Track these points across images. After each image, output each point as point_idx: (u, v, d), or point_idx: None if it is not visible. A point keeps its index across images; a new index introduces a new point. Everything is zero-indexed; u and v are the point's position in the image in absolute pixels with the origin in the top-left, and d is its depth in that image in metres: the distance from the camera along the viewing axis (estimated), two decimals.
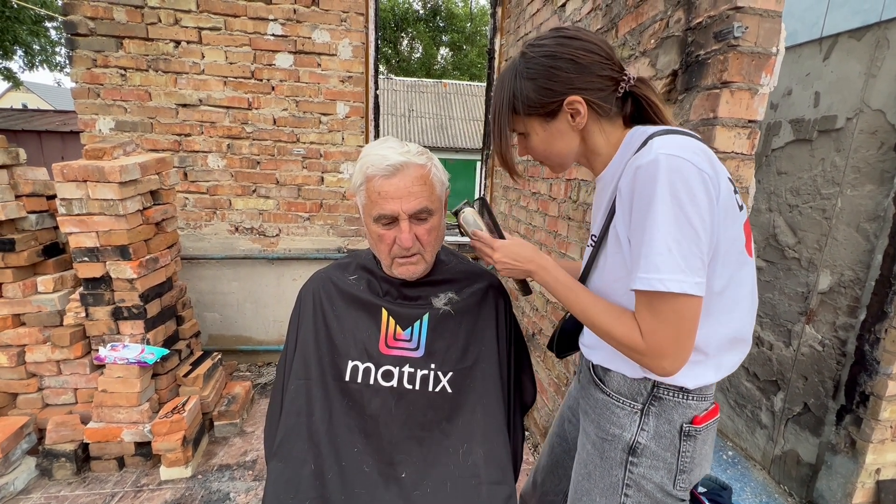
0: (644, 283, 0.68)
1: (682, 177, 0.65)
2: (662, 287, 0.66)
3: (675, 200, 0.65)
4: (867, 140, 1.73)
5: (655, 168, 0.66)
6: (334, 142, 2.89)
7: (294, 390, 0.96)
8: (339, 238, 3.03)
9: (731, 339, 0.80)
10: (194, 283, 2.85)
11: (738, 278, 0.77)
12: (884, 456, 1.68)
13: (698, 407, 0.82)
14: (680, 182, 0.65)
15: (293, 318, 1.04)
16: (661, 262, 0.66)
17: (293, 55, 2.72)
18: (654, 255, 0.67)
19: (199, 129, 2.74)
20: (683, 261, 0.65)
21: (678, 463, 0.82)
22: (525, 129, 0.84)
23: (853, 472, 1.71)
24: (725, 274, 0.74)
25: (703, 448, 0.84)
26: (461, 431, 0.95)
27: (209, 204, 2.85)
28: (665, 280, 0.66)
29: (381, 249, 0.93)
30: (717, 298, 0.75)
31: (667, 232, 0.65)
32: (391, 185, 0.87)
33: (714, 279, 0.73)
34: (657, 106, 0.80)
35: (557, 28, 0.81)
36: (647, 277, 0.68)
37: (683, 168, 0.65)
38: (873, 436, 1.65)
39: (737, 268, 0.76)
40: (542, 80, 0.78)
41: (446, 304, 1.00)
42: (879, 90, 1.69)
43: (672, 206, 0.65)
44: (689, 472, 0.83)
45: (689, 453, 0.82)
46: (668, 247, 0.65)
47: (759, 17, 1.08)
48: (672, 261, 0.65)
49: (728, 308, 0.77)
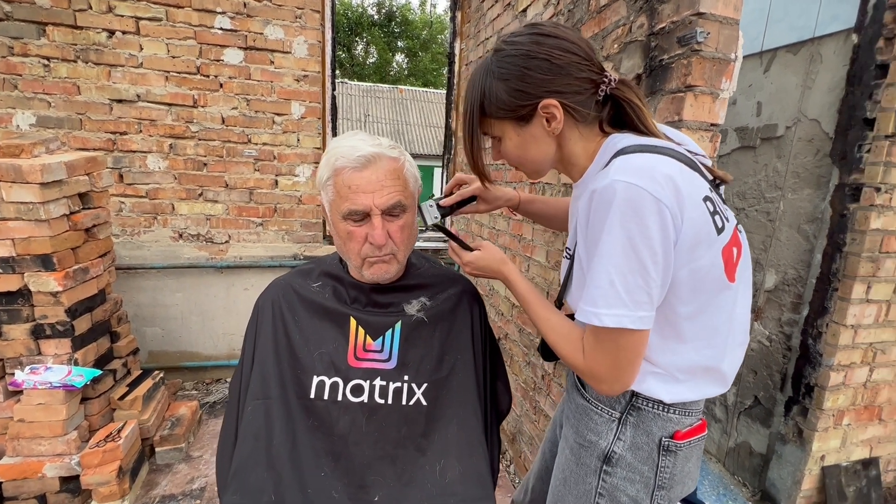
0: (582, 315, 0.68)
1: (634, 207, 0.61)
2: (598, 322, 0.65)
3: (625, 231, 0.62)
4: (805, 147, 1.86)
5: (610, 196, 0.62)
6: (289, 143, 2.75)
7: (252, 412, 0.86)
8: (295, 245, 2.88)
9: (704, 368, 0.75)
10: (132, 295, 2.60)
11: (715, 304, 0.72)
12: (828, 443, 1.79)
13: (681, 422, 0.78)
14: (631, 213, 0.61)
15: (249, 330, 0.94)
16: (600, 296, 0.65)
17: (244, 51, 2.56)
18: (594, 288, 0.65)
19: (137, 127, 2.51)
20: (627, 294, 0.63)
21: (656, 478, 0.79)
22: (497, 133, 0.79)
23: (801, 460, 1.81)
24: (698, 300, 0.70)
25: (685, 465, 0.80)
26: (437, 447, 0.89)
27: (149, 209, 2.62)
28: (601, 315, 0.65)
29: (351, 249, 0.86)
30: (688, 324, 0.71)
31: (611, 264, 0.63)
32: (362, 177, 0.81)
33: (680, 305, 0.69)
34: (640, 110, 0.74)
35: (533, 24, 0.75)
36: (585, 309, 0.67)
37: (637, 198, 0.61)
38: (818, 424, 1.76)
39: (713, 294, 0.71)
40: (514, 82, 0.72)
41: (419, 311, 0.94)
42: (815, 101, 1.82)
43: (620, 238, 0.62)
44: (668, 489, 0.80)
45: (669, 469, 0.79)
46: (611, 280, 0.63)
47: (720, 24, 1.11)
48: (613, 294, 0.63)
49: (705, 336, 0.73)
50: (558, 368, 1.78)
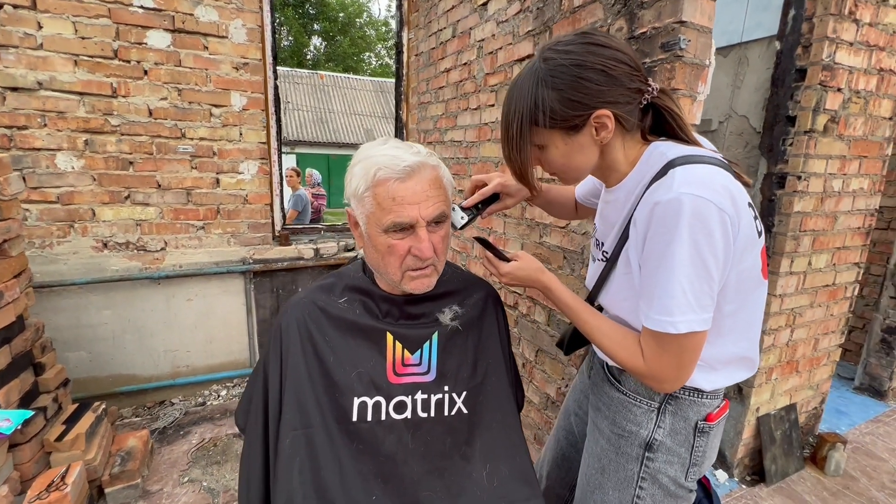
0: (656, 325, 0.71)
1: (703, 220, 0.65)
2: (673, 330, 0.69)
3: (694, 244, 0.65)
4: (736, 140, 2.10)
5: (677, 208, 0.65)
6: (230, 138, 2.51)
7: (291, 444, 0.80)
8: (243, 248, 2.66)
9: (740, 358, 0.82)
10: (48, 317, 2.22)
11: (751, 301, 0.78)
12: (761, 396, 2.08)
13: (712, 405, 0.85)
14: (700, 226, 0.65)
15: (272, 356, 0.86)
16: (674, 306, 0.68)
17: (171, 34, 2.27)
18: (667, 299, 0.69)
19: (41, 120, 2.13)
20: (695, 301, 0.68)
21: (691, 457, 0.86)
22: (543, 142, 0.79)
23: (742, 414, 2.09)
24: (739, 299, 0.75)
25: (713, 442, 0.88)
26: (482, 452, 0.89)
27: (62, 216, 2.25)
28: (676, 323, 0.69)
29: (391, 263, 0.82)
30: (729, 320, 0.77)
31: (682, 274, 0.67)
32: (407, 188, 0.77)
33: (725, 304, 0.74)
34: (680, 118, 0.77)
35: (584, 33, 0.75)
36: (660, 319, 0.70)
37: (705, 211, 0.65)
38: (755, 382, 2.03)
39: (751, 292, 0.77)
40: (569, 92, 0.72)
41: (453, 319, 0.93)
42: (743, 99, 2.06)
43: (690, 250, 0.66)
44: (699, 465, 0.87)
45: (702, 448, 0.86)
46: (683, 289, 0.67)
47: (697, 32, 1.21)
48: (685, 302, 0.68)
49: (741, 328, 0.79)
50: (540, 355, 1.86)
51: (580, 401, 1.11)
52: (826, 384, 2.35)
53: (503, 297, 2.05)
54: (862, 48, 1.78)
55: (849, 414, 2.68)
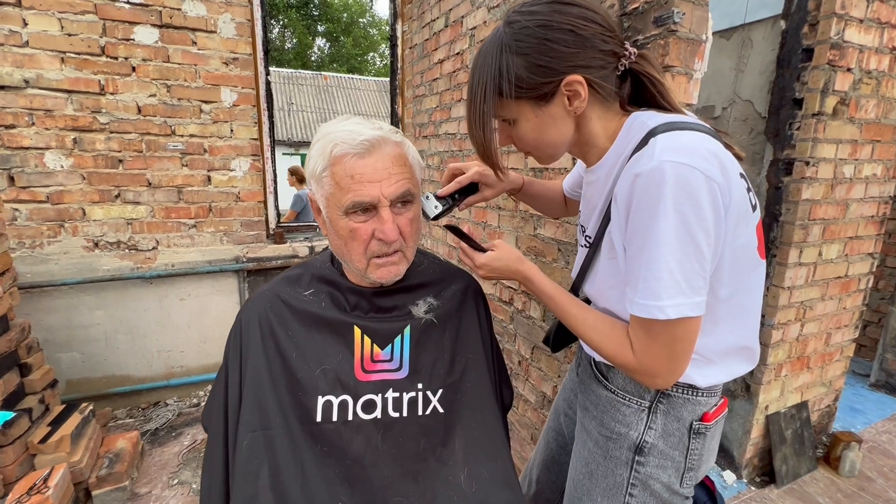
0: (642, 310, 0.64)
1: (688, 189, 0.58)
2: (662, 315, 0.61)
3: (680, 216, 0.58)
4: (740, 126, 2.01)
5: (659, 178, 0.58)
6: (221, 134, 2.47)
7: (249, 446, 0.74)
8: (236, 246, 2.62)
9: (738, 348, 0.75)
10: (39, 317, 2.21)
11: (748, 283, 0.71)
12: (770, 394, 1.99)
13: (708, 403, 0.77)
14: (685, 196, 0.58)
15: (231, 352, 0.81)
16: (661, 288, 0.61)
17: (159, 29, 2.24)
18: (653, 281, 0.61)
19: (28, 118, 2.11)
20: (685, 282, 0.60)
21: (686, 461, 0.79)
22: (512, 115, 0.71)
23: (750, 412, 2.00)
24: (735, 281, 0.69)
25: (711, 444, 0.81)
26: (459, 455, 0.83)
27: (52, 215, 2.22)
28: (664, 307, 0.61)
29: (355, 249, 0.76)
30: (725, 305, 0.70)
31: (668, 252, 0.60)
32: (367, 165, 0.71)
33: (720, 287, 0.68)
34: (661, 85, 0.70)
35: None
36: (646, 304, 0.63)
37: (690, 178, 0.58)
38: (763, 378, 1.94)
39: (748, 273, 0.71)
40: (535, 56, 0.65)
41: (427, 312, 0.86)
42: (747, 83, 1.97)
43: (675, 224, 0.59)
44: (696, 470, 0.80)
45: (698, 451, 0.79)
46: (670, 269, 0.60)
47: (692, 5, 1.13)
48: (673, 284, 0.60)
49: (737, 314, 0.72)
50: (536, 352, 1.79)
51: (570, 400, 1.04)
52: (839, 381, 2.25)
53: (498, 291, 1.99)
54: (873, 25, 1.68)
55: (864, 412, 2.57)
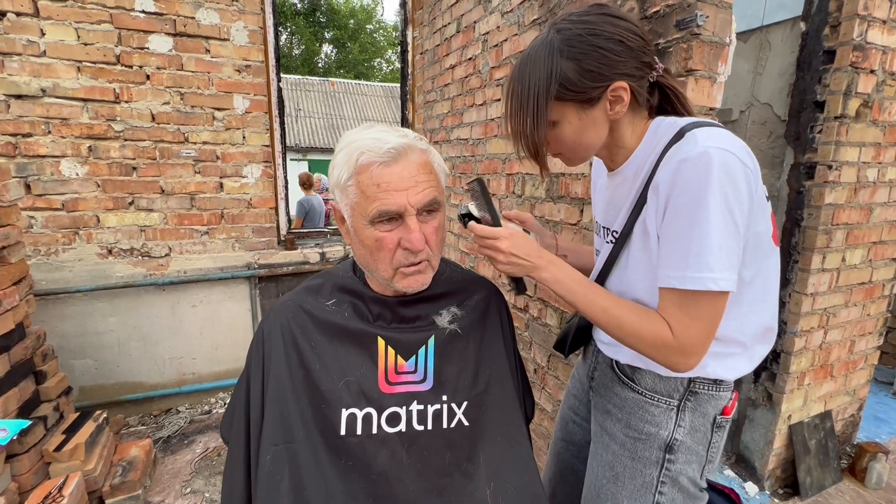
0: (696, 283, 0.66)
1: (730, 173, 0.64)
2: (715, 287, 0.65)
3: (724, 197, 0.64)
4: (759, 130, 1.98)
5: (707, 161, 0.63)
6: (233, 141, 2.48)
7: (272, 461, 0.72)
8: (248, 253, 2.62)
9: (764, 329, 0.80)
10: (54, 324, 2.22)
11: (766, 268, 0.76)
12: (793, 403, 1.94)
13: (726, 397, 0.82)
14: (728, 179, 0.64)
15: (254, 363, 0.79)
16: (715, 262, 0.64)
17: (173, 38, 2.26)
18: (707, 254, 0.64)
19: (45, 127, 2.13)
20: (727, 258, 0.65)
21: (707, 454, 0.83)
22: (555, 117, 0.74)
23: (771, 422, 1.95)
24: (755, 264, 0.74)
25: (725, 436, 0.85)
26: (485, 469, 0.81)
27: (67, 223, 2.24)
28: (717, 279, 0.65)
29: (381, 259, 0.74)
30: (748, 288, 0.75)
31: (716, 230, 0.64)
32: (393, 173, 0.69)
33: (744, 269, 0.72)
34: (684, 97, 0.77)
35: (598, 4, 0.74)
36: (700, 276, 0.65)
37: (732, 163, 0.64)
38: (786, 387, 1.89)
39: (765, 257, 0.75)
40: (587, 62, 0.69)
41: (451, 322, 0.84)
42: (765, 86, 1.94)
43: (721, 203, 0.64)
44: (713, 462, 0.84)
45: (717, 444, 0.83)
46: (720, 244, 0.64)
47: (716, 7, 1.11)
48: (724, 258, 0.65)
49: (760, 297, 0.77)
50: (552, 360, 1.76)
51: (575, 407, 1.05)
52: (864, 389, 2.19)
53: (512, 299, 1.96)
54: None
55: (889, 421, 2.50)
